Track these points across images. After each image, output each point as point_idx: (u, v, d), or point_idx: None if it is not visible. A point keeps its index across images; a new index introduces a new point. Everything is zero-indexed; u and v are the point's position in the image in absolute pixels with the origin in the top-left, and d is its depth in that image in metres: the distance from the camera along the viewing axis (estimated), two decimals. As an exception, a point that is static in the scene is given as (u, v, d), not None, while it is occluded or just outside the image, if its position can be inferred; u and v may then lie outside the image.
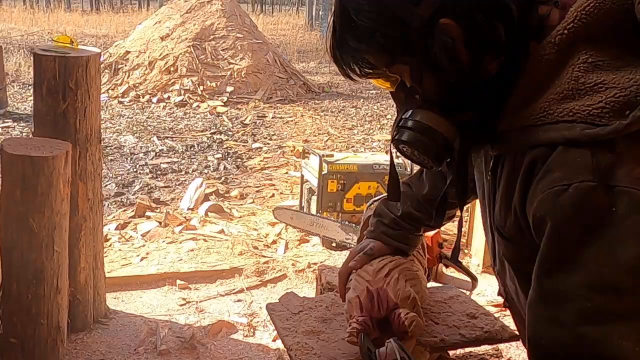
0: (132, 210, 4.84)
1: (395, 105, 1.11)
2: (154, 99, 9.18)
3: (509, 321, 1.72)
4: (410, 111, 1.04)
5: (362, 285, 1.42)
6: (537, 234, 0.92)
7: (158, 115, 8.48)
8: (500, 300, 1.75)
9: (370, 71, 1.06)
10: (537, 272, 0.92)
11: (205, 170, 6.06)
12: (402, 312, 1.33)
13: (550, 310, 0.90)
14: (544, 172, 0.91)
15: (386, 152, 1.25)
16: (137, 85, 9.50)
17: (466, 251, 4.15)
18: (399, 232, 1.55)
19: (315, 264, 3.88)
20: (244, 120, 8.28)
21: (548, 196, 0.88)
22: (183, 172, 6.01)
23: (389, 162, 1.20)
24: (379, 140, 7.46)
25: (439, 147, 1.03)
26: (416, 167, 1.78)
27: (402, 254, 1.56)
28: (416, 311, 1.37)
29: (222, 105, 8.98)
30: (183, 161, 6.37)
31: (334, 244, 4.11)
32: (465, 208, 1.26)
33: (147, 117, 8.34)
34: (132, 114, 8.52)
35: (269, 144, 7.15)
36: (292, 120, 8.40)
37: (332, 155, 4.45)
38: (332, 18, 1.06)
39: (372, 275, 1.43)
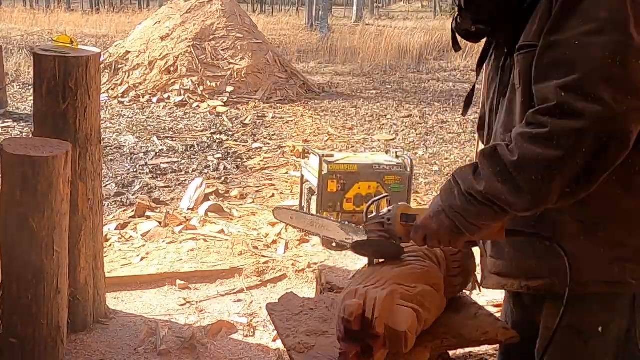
0: (132, 210, 4.84)
1: None
2: (154, 99, 9.18)
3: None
4: None
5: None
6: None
7: (158, 115, 8.48)
8: (500, 299, 1.75)
9: None
10: (545, 34, 1.31)
11: (205, 170, 6.06)
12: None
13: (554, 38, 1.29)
14: None
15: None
16: (137, 85, 9.50)
17: (466, 251, 4.15)
18: None
19: (315, 264, 3.88)
20: (244, 120, 8.28)
21: None
22: (183, 172, 6.01)
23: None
24: (379, 140, 7.46)
25: None
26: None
27: None
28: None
29: (222, 105, 8.98)
30: (183, 161, 6.37)
31: (334, 244, 4.10)
32: None
33: (147, 117, 8.34)
34: (132, 114, 8.52)
35: (269, 144, 7.15)
36: (292, 120, 8.40)
37: (332, 155, 4.45)
38: None
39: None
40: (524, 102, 1.38)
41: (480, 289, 1.74)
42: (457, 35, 1.59)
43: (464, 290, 1.77)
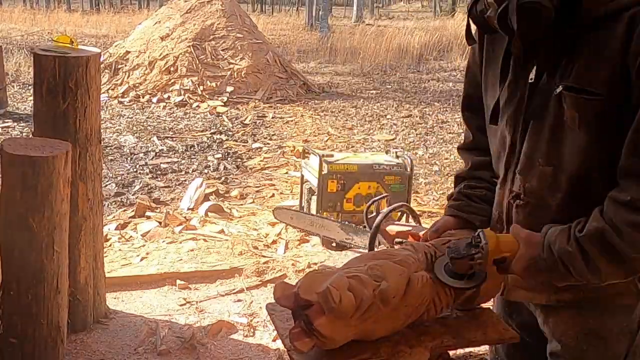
0: (132, 210, 4.84)
1: None
2: (154, 99, 9.18)
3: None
4: None
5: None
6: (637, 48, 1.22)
7: (158, 115, 8.48)
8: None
9: None
10: None
11: (205, 170, 6.06)
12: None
13: None
14: None
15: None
16: (137, 85, 9.50)
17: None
18: (461, 202, 1.66)
19: (315, 264, 3.88)
20: (244, 120, 8.28)
21: None
22: (183, 172, 6.01)
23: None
24: (379, 140, 7.46)
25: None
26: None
27: (469, 224, 1.62)
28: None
29: (222, 105, 8.98)
30: (183, 161, 6.37)
31: (334, 244, 4.10)
32: None
33: (147, 117, 8.34)
34: (132, 114, 8.52)
35: (269, 144, 7.15)
36: (292, 120, 8.40)
37: (332, 155, 4.45)
38: None
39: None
40: (585, 150, 1.34)
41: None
42: (471, 25, 1.51)
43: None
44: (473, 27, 1.53)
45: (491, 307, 1.72)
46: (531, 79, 1.42)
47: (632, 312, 1.46)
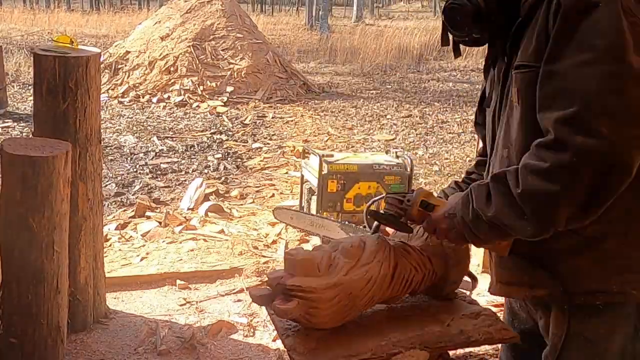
0: (132, 210, 4.84)
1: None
2: (154, 99, 9.18)
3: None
4: None
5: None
6: (553, 20, 1.31)
7: (158, 115, 8.48)
8: (500, 299, 1.75)
9: None
10: (544, 61, 1.32)
11: (205, 170, 6.06)
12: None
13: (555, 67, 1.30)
14: None
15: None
16: (137, 85, 9.50)
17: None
18: (451, 188, 1.78)
19: (315, 264, 3.88)
20: (244, 120, 8.28)
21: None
22: (183, 172, 6.01)
23: None
24: (379, 140, 7.46)
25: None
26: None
27: None
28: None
29: (222, 105, 8.98)
30: (183, 161, 6.37)
31: (334, 244, 4.10)
32: None
33: (147, 117, 8.34)
34: (132, 114, 8.52)
35: (269, 144, 7.15)
36: (292, 120, 8.40)
37: (332, 155, 4.45)
38: None
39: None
40: (522, 122, 1.41)
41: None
42: (451, 37, 1.61)
43: (465, 290, 1.77)
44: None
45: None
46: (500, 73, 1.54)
47: (619, 312, 1.45)
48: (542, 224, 1.32)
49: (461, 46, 1.62)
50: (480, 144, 1.83)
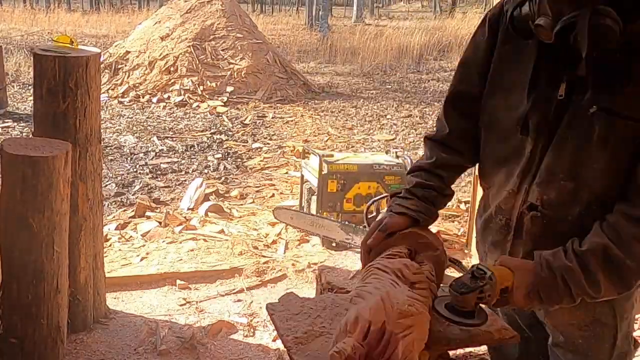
0: (132, 210, 4.84)
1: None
2: (154, 99, 9.18)
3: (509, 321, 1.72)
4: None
5: (376, 313, 1.31)
6: None
7: (158, 115, 8.48)
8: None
9: None
10: None
11: (205, 170, 6.06)
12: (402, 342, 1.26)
13: None
14: None
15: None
16: (137, 85, 9.50)
17: (466, 251, 4.16)
18: (411, 200, 1.62)
19: (315, 264, 3.88)
20: (244, 120, 8.28)
21: None
22: (183, 172, 6.01)
23: None
24: (379, 140, 7.46)
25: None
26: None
27: (416, 222, 1.59)
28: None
29: (222, 105, 8.98)
30: (183, 161, 6.37)
31: (334, 244, 4.10)
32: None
33: (147, 117, 8.34)
34: (132, 114, 8.52)
35: (269, 144, 7.15)
36: (292, 120, 8.40)
37: (332, 155, 4.45)
38: None
39: (372, 303, 1.33)
40: (613, 171, 1.37)
41: None
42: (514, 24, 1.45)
43: None
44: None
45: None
46: (561, 95, 1.41)
47: (629, 299, 1.51)
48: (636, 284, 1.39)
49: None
50: (447, 130, 1.71)
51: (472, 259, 4.08)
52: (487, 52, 1.58)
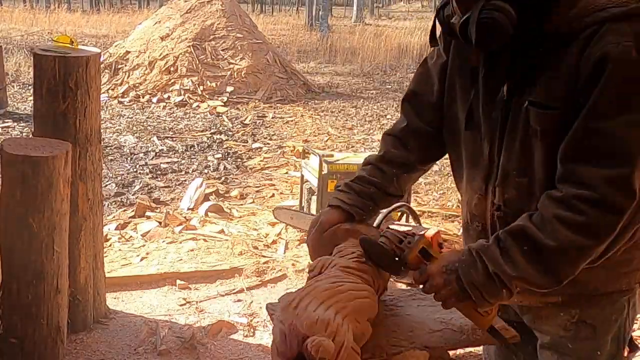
0: (132, 210, 4.84)
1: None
2: (154, 99, 9.18)
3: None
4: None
5: (276, 326, 1.33)
6: (592, 79, 1.28)
7: (158, 115, 8.48)
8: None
9: None
10: (587, 115, 1.29)
11: (205, 170, 6.06)
12: (309, 342, 1.23)
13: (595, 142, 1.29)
14: (598, 38, 1.28)
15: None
16: (137, 85, 9.50)
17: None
18: (348, 194, 1.62)
19: (315, 264, 3.88)
20: (244, 120, 8.28)
21: (605, 48, 1.27)
22: (183, 172, 6.01)
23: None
24: (378, 140, 7.44)
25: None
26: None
27: (351, 217, 1.60)
28: (334, 331, 1.26)
29: (222, 105, 8.98)
30: (183, 161, 6.37)
31: (334, 244, 4.10)
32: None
33: (147, 117, 8.34)
34: (132, 114, 8.52)
35: (269, 144, 7.15)
36: (292, 120, 8.40)
37: (332, 155, 4.45)
38: None
39: (282, 311, 1.34)
40: (545, 159, 1.39)
41: None
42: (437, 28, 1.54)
43: None
44: (438, 28, 1.55)
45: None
46: (504, 95, 1.45)
47: (617, 301, 1.52)
48: (566, 276, 1.34)
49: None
50: (404, 124, 1.70)
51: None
52: (446, 58, 1.61)
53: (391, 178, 1.65)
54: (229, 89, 9.48)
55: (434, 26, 1.55)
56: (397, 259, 1.46)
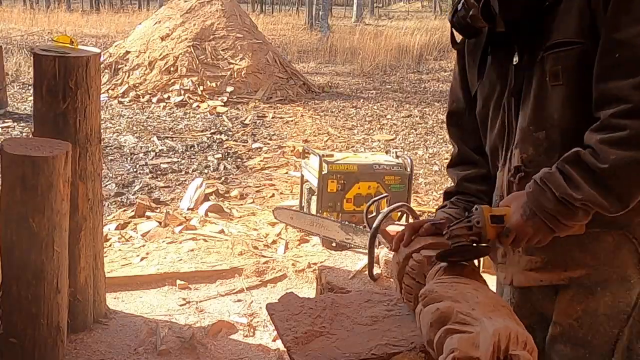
0: (132, 210, 4.84)
1: None
2: (154, 99, 9.18)
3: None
4: None
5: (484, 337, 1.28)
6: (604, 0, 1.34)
7: (158, 115, 8.48)
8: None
9: None
10: (606, 32, 1.34)
11: (205, 170, 6.06)
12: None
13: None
14: None
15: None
16: (137, 85, 9.50)
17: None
18: (452, 209, 1.75)
19: (315, 264, 3.88)
20: (244, 120, 8.29)
21: None
22: (183, 172, 6.01)
23: None
24: (379, 140, 7.46)
25: None
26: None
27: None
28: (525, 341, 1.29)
29: (222, 105, 8.98)
30: (183, 161, 6.37)
31: (334, 244, 4.10)
32: None
33: (147, 117, 8.34)
34: (132, 114, 8.53)
35: (269, 144, 7.16)
36: (292, 120, 8.40)
37: (332, 155, 4.45)
38: None
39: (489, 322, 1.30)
40: (568, 100, 1.42)
41: None
42: (454, 31, 1.62)
43: None
44: (457, 36, 1.65)
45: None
46: (515, 61, 1.51)
47: (630, 290, 1.49)
48: (631, 196, 1.34)
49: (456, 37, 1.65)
50: (456, 149, 1.80)
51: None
52: (462, 61, 1.71)
53: (476, 193, 1.75)
54: (229, 89, 9.48)
55: (452, 33, 1.64)
56: (477, 244, 1.48)
